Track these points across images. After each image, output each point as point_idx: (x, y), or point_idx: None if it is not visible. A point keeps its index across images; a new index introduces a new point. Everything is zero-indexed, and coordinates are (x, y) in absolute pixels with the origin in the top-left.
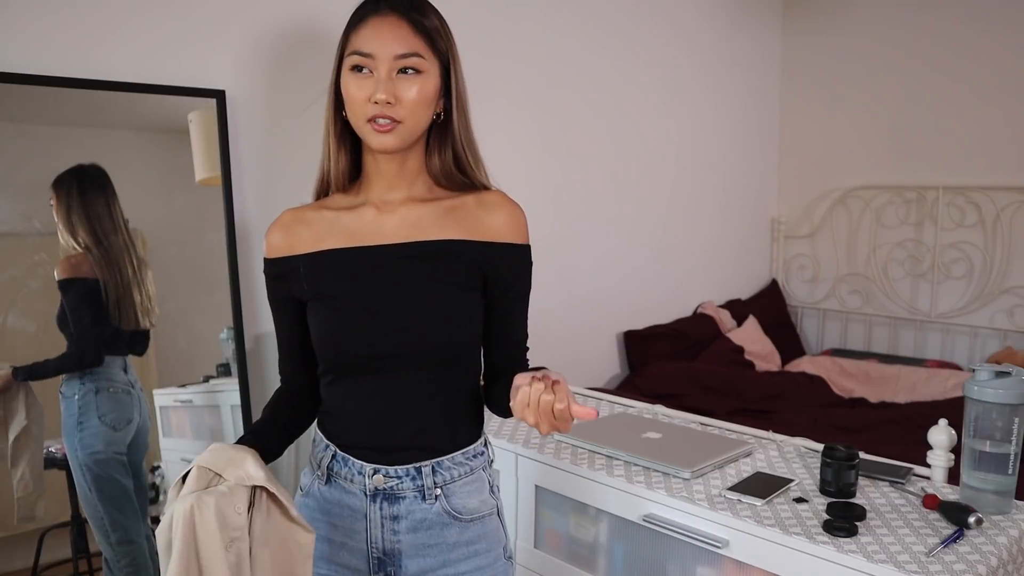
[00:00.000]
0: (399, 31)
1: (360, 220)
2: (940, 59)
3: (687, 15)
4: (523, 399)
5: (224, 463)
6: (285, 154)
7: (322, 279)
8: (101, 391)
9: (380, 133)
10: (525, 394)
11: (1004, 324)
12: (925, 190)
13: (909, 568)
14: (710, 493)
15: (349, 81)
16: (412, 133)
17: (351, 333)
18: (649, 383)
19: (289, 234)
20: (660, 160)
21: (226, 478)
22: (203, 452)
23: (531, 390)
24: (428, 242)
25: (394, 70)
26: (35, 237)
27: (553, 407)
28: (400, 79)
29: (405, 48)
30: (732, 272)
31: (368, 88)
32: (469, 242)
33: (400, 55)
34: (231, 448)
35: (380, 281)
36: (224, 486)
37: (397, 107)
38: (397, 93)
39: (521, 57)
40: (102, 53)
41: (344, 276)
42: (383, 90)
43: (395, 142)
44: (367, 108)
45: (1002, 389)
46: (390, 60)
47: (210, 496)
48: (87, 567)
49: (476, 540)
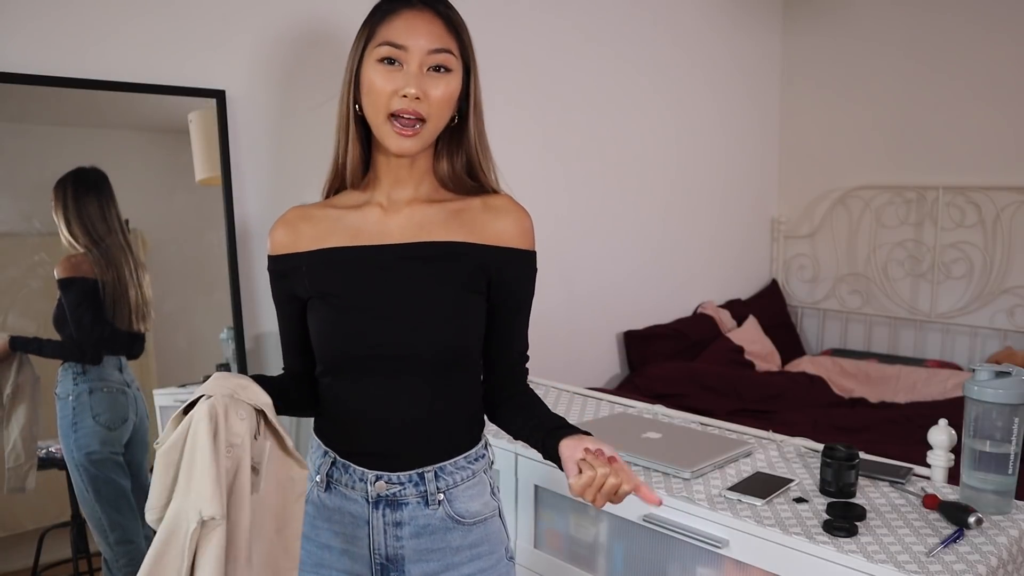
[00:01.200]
0: (434, 26)
1: (365, 219)
2: (940, 59)
3: (687, 15)
4: (588, 482)
5: (232, 387)
6: (285, 154)
7: (324, 277)
8: (95, 391)
9: (401, 136)
10: (590, 478)
11: (1004, 324)
12: (925, 190)
13: (909, 568)
14: (710, 493)
15: (375, 73)
16: (433, 134)
17: (352, 333)
18: (649, 383)
19: (293, 231)
20: (660, 160)
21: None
22: (205, 383)
23: (597, 475)
24: (432, 243)
25: (425, 65)
26: (35, 237)
27: (619, 490)
28: (429, 76)
29: (440, 43)
30: (732, 272)
31: (398, 81)
32: (474, 245)
33: (434, 50)
34: (235, 376)
35: (383, 281)
36: (230, 397)
37: (424, 103)
38: (425, 89)
39: (521, 57)
40: (102, 53)
41: (347, 275)
42: (414, 84)
43: (416, 146)
44: (393, 101)
45: (1002, 389)
46: (423, 54)
47: (218, 401)
48: (87, 567)
49: (479, 543)
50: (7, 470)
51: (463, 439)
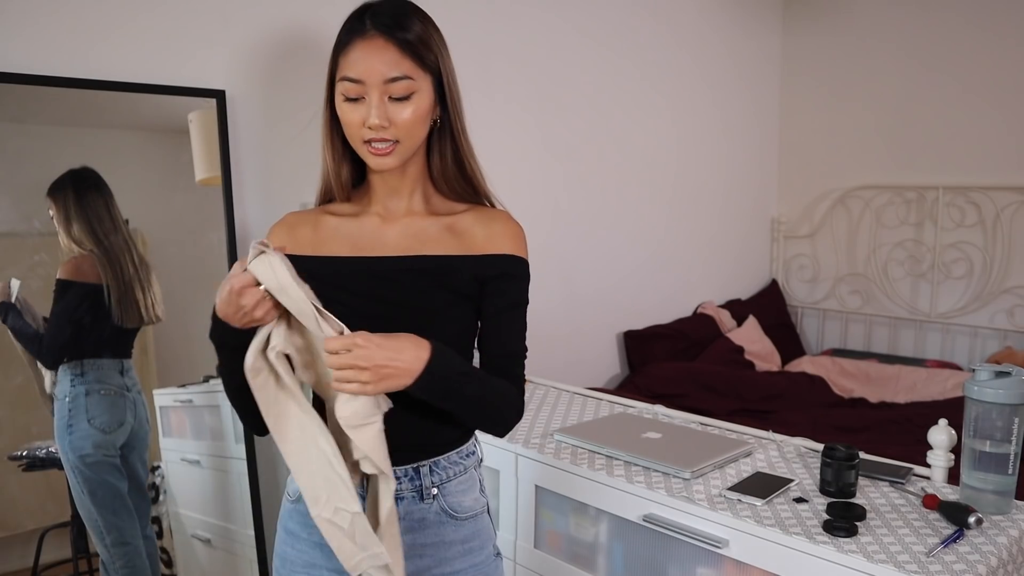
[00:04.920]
0: (386, 54)
1: (362, 229)
2: (940, 59)
3: (687, 15)
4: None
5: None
6: (285, 154)
7: (321, 285)
8: (92, 393)
9: (378, 156)
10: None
11: (1004, 324)
12: (925, 190)
13: (909, 568)
14: (710, 493)
15: (343, 108)
16: (411, 149)
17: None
18: (649, 383)
19: (292, 235)
20: (660, 160)
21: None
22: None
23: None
24: (428, 256)
25: (385, 94)
26: (35, 237)
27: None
28: (392, 104)
29: (394, 72)
30: (732, 272)
31: (361, 113)
32: (468, 257)
33: (390, 79)
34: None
35: (378, 291)
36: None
37: (392, 129)
38: (390, 116)
39: (521, 57)
40: (102, 53)
41: (343, 284)
42: (376, 115)
43: (393, 162)
44: (363, 132)
45: (1002, 389)
46: (380, 85)
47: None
48: (87, 567)
49: (471, 538)
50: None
51: (456, 435)
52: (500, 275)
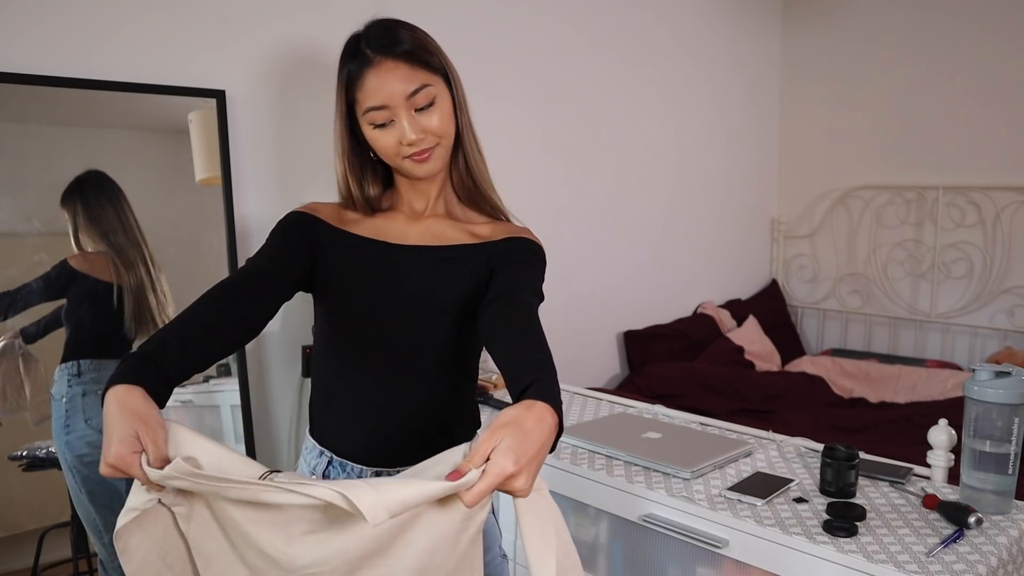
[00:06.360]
0: (398, 72)
1: (389, 222)
2: (940, 60)
3: (687, 16)
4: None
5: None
6: (285, 154)
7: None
8: (89, 394)
9: (421, 163)
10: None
11: (1004, 324)
12: (925, 190)
13: (909, 568)
14: (710, 493)
15: (374, 136)
16: (447, 149)
17: (360, 313)
18: (649, 383)
19: (318, 213)
20: (660, 160)
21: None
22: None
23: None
24: (446, 247)
25: (411, 108)
26: (35, 237)
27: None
28: (420, 114)
29: (412, 85)
30: (732, 272)
31: (395, 134)
32: (482, 244)
33: (411, 93)
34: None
35: (396, 275)
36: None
37: (428, 137)
38: (423, 126)
39: (521, 57)
40: (102, 53)
41: (364, 263)
42: (410, 130)
43: (436, 165)
44: (401, 150)
45: (1002, 389)
46: (404, 102)
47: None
48: (87, 567)
49: None
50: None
51: (459, 435)
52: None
